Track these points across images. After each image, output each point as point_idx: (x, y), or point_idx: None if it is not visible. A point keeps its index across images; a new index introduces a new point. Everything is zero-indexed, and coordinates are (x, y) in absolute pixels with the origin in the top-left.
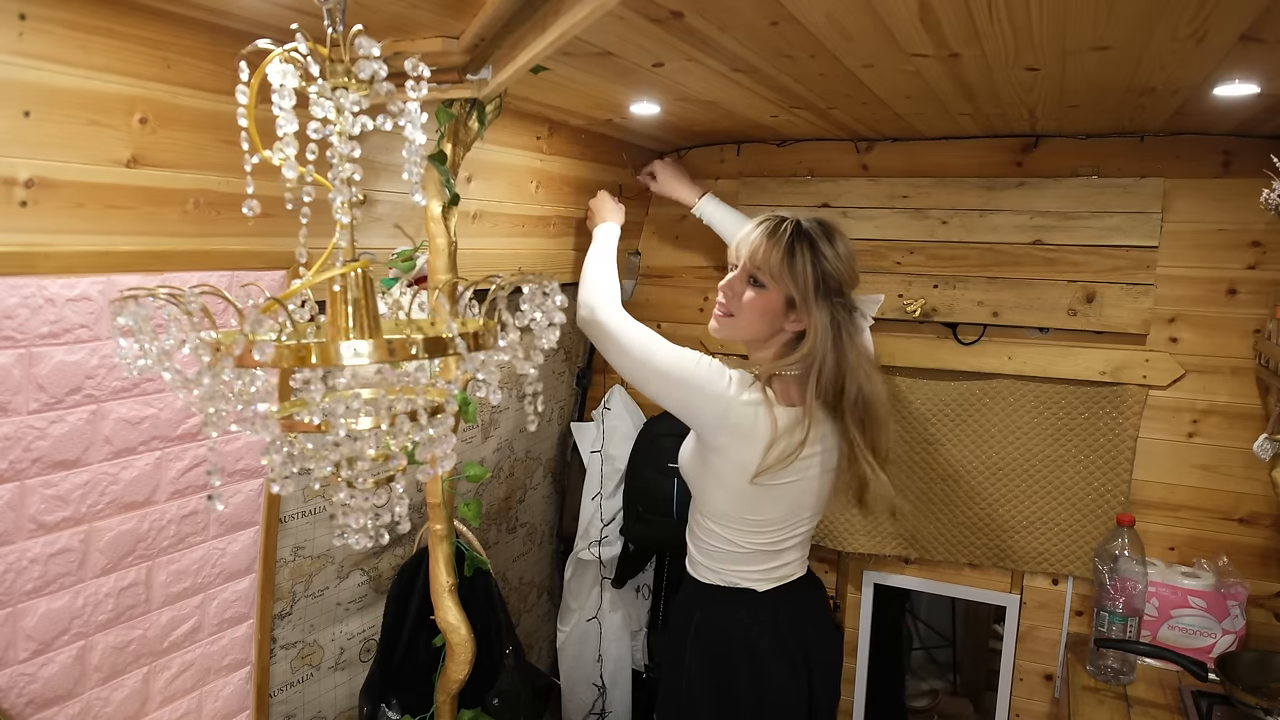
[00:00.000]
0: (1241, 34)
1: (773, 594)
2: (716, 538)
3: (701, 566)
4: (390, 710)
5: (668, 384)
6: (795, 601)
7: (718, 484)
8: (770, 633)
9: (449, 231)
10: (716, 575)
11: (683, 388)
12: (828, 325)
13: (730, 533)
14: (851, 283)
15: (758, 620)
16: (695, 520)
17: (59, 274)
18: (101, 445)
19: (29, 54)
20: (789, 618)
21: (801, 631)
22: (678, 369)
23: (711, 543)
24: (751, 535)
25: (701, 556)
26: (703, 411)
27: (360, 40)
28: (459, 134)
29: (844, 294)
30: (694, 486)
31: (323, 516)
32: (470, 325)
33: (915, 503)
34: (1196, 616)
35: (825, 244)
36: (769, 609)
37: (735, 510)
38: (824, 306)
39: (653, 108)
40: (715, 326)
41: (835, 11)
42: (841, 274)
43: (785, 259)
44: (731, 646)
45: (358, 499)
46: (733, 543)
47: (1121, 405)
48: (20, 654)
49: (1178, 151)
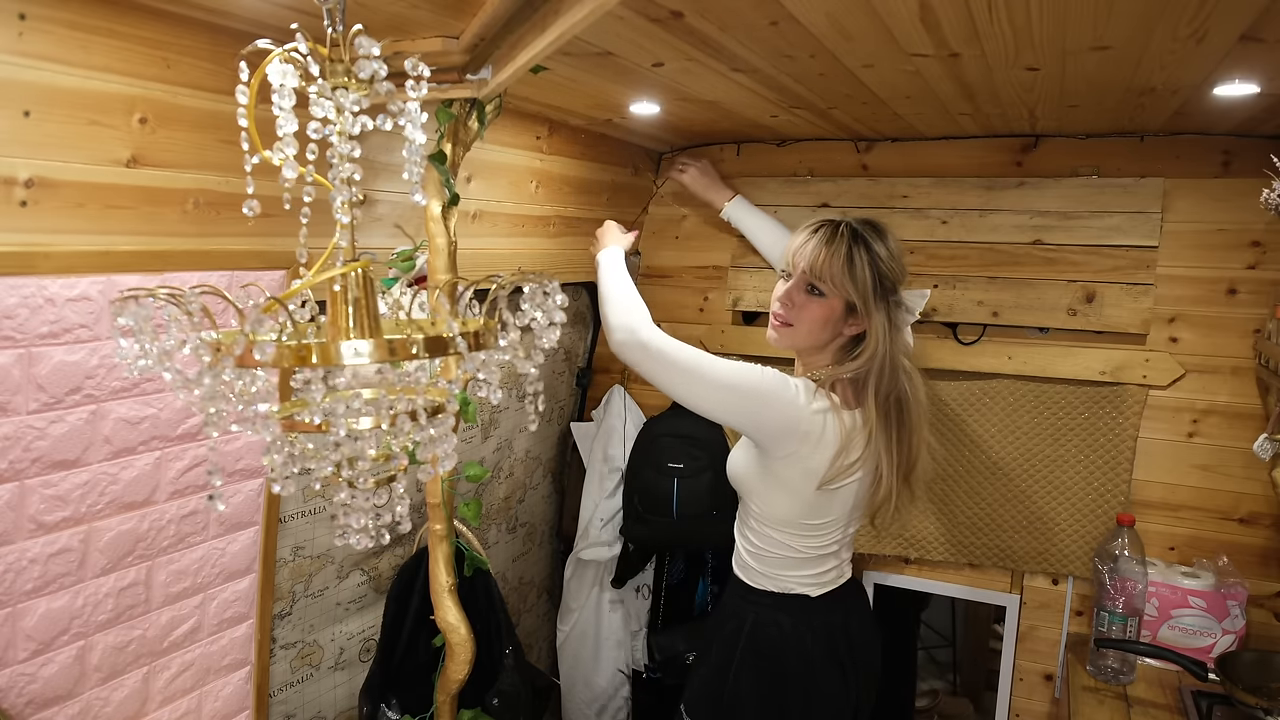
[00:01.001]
0: (1241, 34)
1: (825, 599)
2: (776, 544)
3: (755, 572)
4: (390, 710)
5: (731, 397)
6: (846, 607)
7: (784, 491)
8: (823, 639)
9: (449, 231)
10: (772, 581)
11: (748, 400)
12: (885, 326)
13: (790, 538)
14: (904, 280)
15: (811, 627)
16: (751, 528)
17: (59, 274)
18: (101, 445)
19: (29, 54)
20: (841, 623)
21: (849, 636)
22: (742, 381)
23: (770, 549)
24: (811, 539)
25: (757, 563)
26: (770, 422)
27: (360, 40)
28: (459, 134)
29: (898, 292)
30: (752, 495)
31: (323, 516)
32: (470, 325)
33: (916, 502)
34: (1196, 616)
35: (880, 245)
36: (822, 615)
37: (799, 516)
38: (882, 308)
39: (653, 108)
40: (774, 337)
41: (835, 11)
42: (895, 273)
43: (846, 266)
44: (785, 653)
45: (358, 499)
46: (792, 548)
47: (1121, 405)
48: (20, 654)
49: (1178, 151)
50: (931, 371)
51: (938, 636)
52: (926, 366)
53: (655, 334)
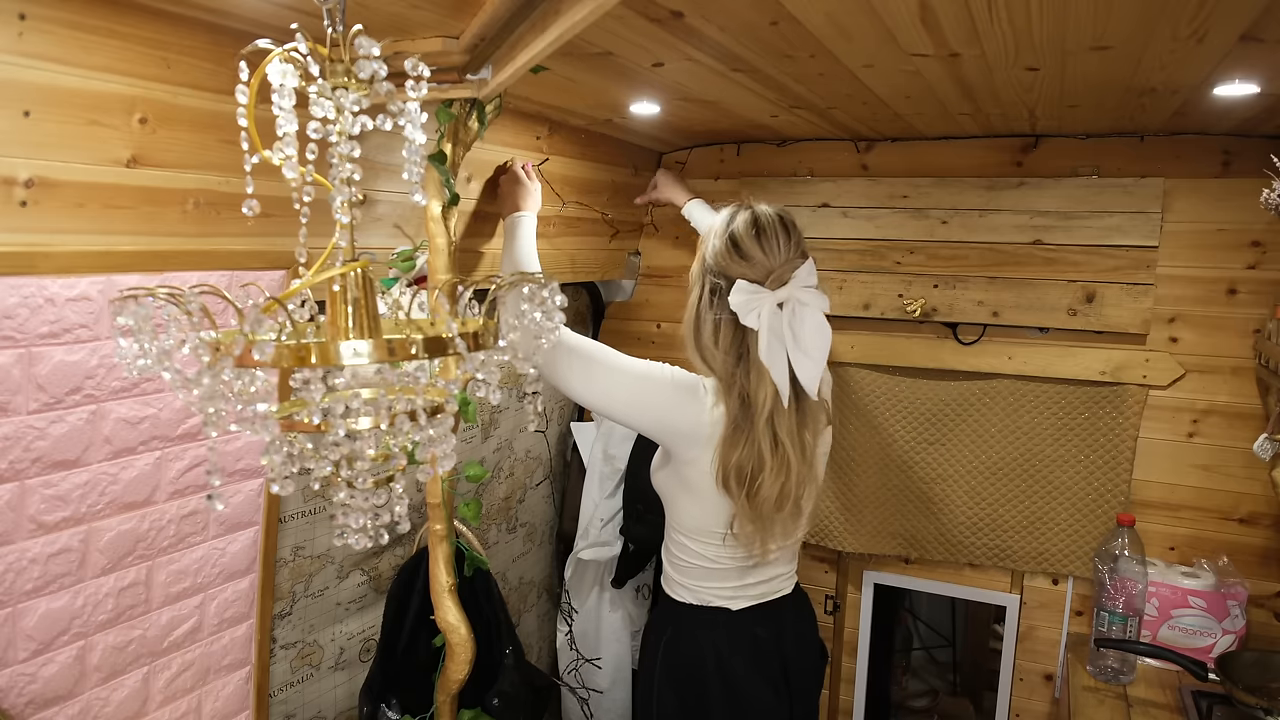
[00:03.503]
0: (1241, 34)
1: (749, 613)
2: (692, 554)
3: (674, 583)
4: (390, 710)
5: (639, 393)
6: (778, 623)
7: (690, 496)
8: (745, 652)
9: (449, 231)
10: (691, 593)
11: (658, 398)
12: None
13: (704, 547)
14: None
15: (730, 640)
16: (670, 537)
17: (59, 274)
18: (101, 445)
19: (29, 54)
20: (770, 639)
21: (782, 655)
22: (654, 377)
23: (686, 559)
24: (725, 550)
25: (676, 574)
26: (679, 423)
27: (360, 40)
28: (459, 134)
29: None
30: (667, 502)
31: (323, 516)
32: (470, 325)
33: (916, 503)
34: (1196, 616)
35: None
36: (745, 629)
37: (709, 524)
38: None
39: (653, 108)
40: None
41: (835, 11)
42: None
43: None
44: (702, 668)
45: (357, 499)
46: (707, 558)
47: (1121, 405)
48: (20, 654)
49: (1178, 151)
50: (931, 371)
51: (938, 636)
52: (927, 367)
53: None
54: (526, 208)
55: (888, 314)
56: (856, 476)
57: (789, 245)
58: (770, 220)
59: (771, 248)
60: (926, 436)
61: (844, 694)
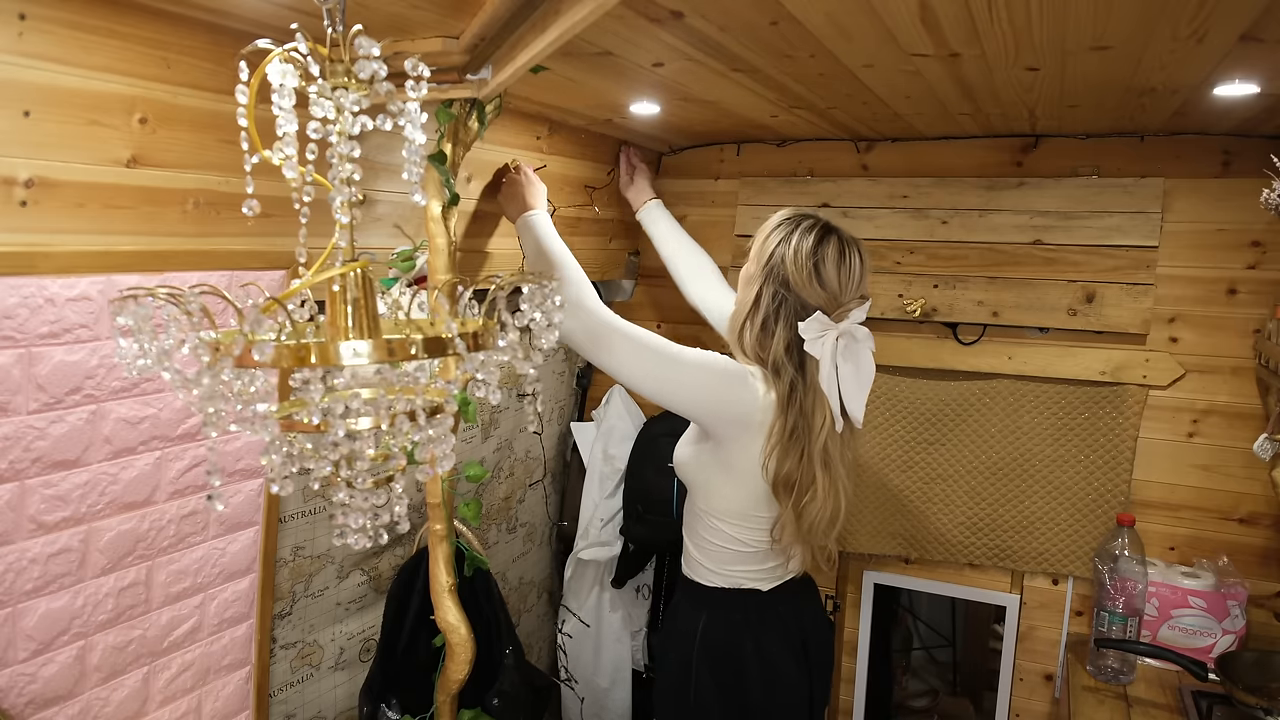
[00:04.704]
0: (1241, 34)
1: (776, 593)
2: (725, 538)
3: (705, 569)
4: (390, 710)
5: (698, 380)
6: (798, 601)
7: (734, 481)
8: (777, 631)
9: (449, 231)
10: (722, 578)
11: (714, 385)
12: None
13: (739, 530)
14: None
15: (763, 619)
16: (700, 521)
17: (59, 274)
18: (101, 445)
19: (29, 54)
20: (794, 616)
21: (804, 630)
22: (710, 365)
23: (719, 543)
24: (759, 532)
25: (706, 560)
26: (730, 409)
27: (360, 40)
28: (459, 134)
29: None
30: (702, 487)
31: (323, 516)
32: (470, 325)
33: (916, 503)
34: (1196, 616)
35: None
36: (775, 608)
37: (749, 507)
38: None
39: (653, 108)
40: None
41: (835, 11)
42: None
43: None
44: (740, 649)
45: (357, 499)
46: (741, 541)
47: (1121, 405)
48: (20, 654)
49: (1178, 151)
50: (931, 371)
51: (938, 636)
52: (927, 366)
53: (604, 308)
54: (537, 204)
55: (888, 314)
56: (856, 476)
57: (863, 281)
58: (853, 253)
59: (849, 285)
60: (926, 436)
61: (844, 694)
